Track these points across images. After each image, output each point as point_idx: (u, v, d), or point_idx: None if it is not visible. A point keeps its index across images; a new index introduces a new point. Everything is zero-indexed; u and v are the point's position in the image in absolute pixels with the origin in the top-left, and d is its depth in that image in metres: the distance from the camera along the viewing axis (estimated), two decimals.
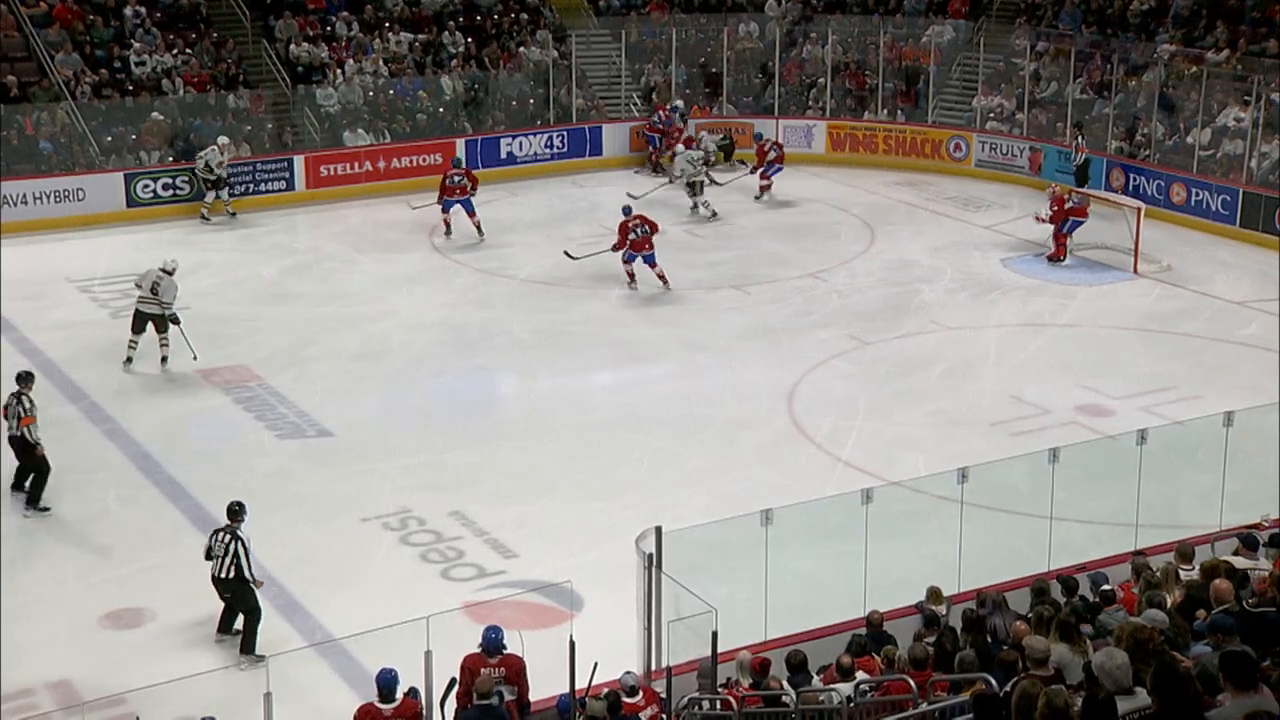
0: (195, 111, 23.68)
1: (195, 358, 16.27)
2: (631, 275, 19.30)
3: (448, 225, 21.68)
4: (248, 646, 10.70)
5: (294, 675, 9.14)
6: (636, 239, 19.13)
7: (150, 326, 16.30)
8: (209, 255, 20.81)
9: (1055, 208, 20.43)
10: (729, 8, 28.66)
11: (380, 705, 8.81)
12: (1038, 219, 20.77)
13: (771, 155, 23.96)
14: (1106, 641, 7.43)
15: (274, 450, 14.53)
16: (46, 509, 13.00)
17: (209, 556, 10.87)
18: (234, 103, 24.06)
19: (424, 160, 24.63)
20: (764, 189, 23.96)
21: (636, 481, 13.75)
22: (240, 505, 11.01)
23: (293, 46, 25.29)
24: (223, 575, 10.79)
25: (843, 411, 15.41)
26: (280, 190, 23.54)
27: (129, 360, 16.39)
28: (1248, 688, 5.51)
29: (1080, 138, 23.15)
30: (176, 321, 16.25)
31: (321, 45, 25.57)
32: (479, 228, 21.54)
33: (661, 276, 19.19)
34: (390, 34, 26.20)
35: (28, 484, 13.12)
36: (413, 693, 8.94)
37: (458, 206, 21.60)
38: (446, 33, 26.68)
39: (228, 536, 10.81)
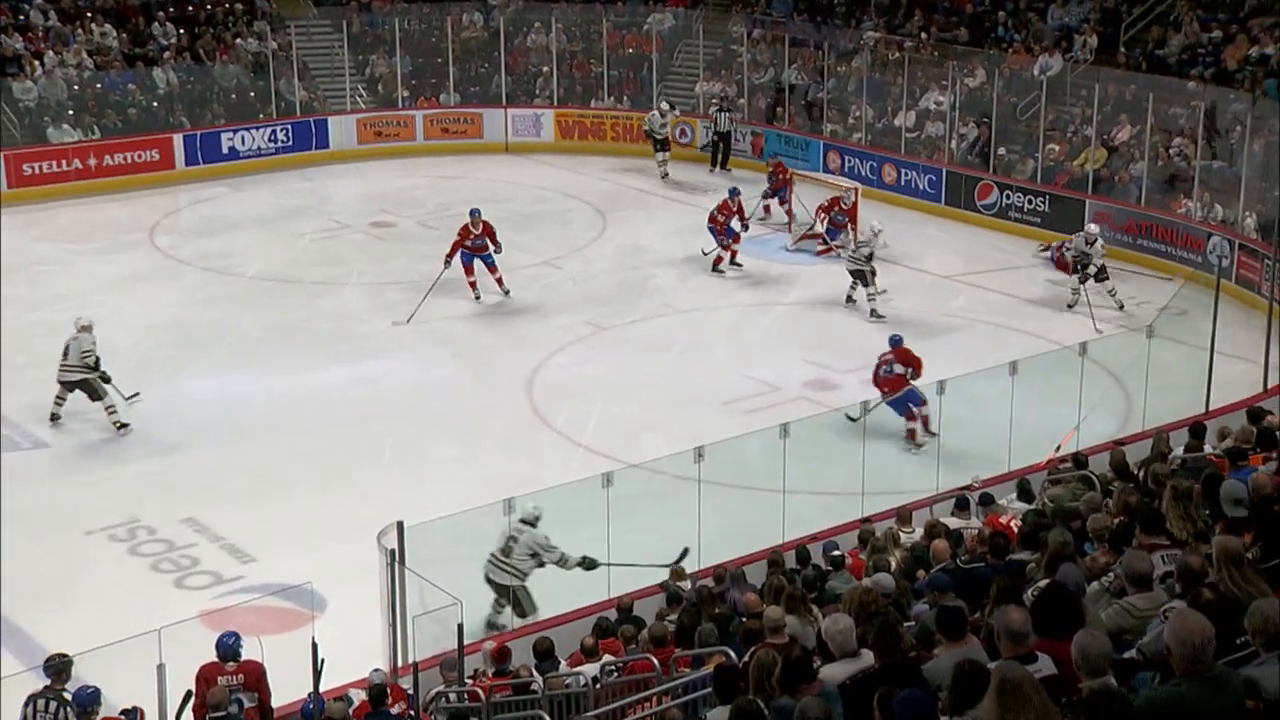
0: None
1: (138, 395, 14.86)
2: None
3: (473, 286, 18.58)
4: None
5: (12, 704, 8.65)
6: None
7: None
8: None
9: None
10: None
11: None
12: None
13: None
14: (837, 607, 7.79)
15: None
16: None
17: None
18: None
19: (140, 157, 23.61)
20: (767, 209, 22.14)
21: (378, 476, 13.57)
22: (64, 660, 8.66)
23: None
24: None
25: (582, 396, 15.58)
26: None
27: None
28: (958, 639, 5.90)
29: (720, 108, 24.78)
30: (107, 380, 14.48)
31: (15, 36, 24.12)
32: (500, 282, 18.52)
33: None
34: (94, 24, 24.93)
35: None
36: (132, 713, 8.58)
37: (477, 261, 18.52)
38: (156, 23, 25.58)
39: (54, 703, 8.41)
